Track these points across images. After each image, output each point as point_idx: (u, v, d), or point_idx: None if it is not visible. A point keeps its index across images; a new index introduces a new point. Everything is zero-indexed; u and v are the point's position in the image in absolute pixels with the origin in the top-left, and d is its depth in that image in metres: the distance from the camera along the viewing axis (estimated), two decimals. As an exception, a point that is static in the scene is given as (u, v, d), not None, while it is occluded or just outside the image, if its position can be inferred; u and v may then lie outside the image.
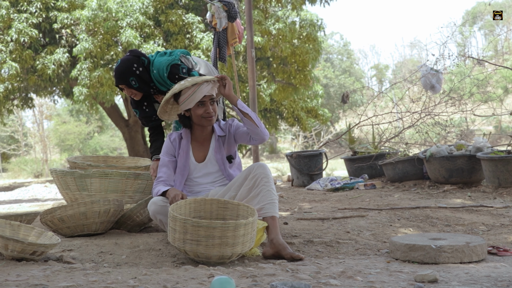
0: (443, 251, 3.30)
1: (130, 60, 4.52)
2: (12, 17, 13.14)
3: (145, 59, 4.54)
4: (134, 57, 4.53)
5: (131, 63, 4.50)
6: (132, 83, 4.47)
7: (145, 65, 4.53)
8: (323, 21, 15.92)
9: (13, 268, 3.10)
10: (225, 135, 4.03)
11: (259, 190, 3.73)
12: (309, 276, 2.86)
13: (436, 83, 8.53)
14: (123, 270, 3.09)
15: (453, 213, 5.08)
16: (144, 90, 4.53)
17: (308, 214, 5.23)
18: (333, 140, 11.20)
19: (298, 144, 33.50)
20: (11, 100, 17.33)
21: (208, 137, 4.05)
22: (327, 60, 48.44)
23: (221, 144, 4.01)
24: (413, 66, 39.44)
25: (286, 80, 16.50)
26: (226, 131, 4.04)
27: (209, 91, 3.82)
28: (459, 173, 6.75)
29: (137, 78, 4.47)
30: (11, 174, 29.49)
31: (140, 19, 12.82)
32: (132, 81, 4.46)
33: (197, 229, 3.26)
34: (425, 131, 8.68)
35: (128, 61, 4.53)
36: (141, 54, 4.58)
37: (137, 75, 4.46)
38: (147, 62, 4.54)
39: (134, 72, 4.46)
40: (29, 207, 7.63)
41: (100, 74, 12.94)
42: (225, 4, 6.89)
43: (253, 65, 7.79)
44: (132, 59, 4.51)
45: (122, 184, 4.68)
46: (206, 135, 4.04)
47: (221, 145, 4.01)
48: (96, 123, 39.12)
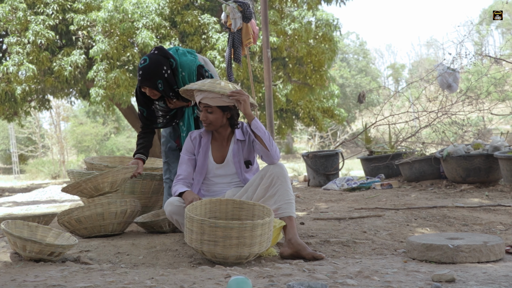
0: (460, 251, 3.28)
1: (160, 61, 4.27)
2: (29, 19, 13.23)
3: (173, 61, 4.29)
4: (163, 59, 4.28)
5: (161, 65, 4.25)
6: (159, 86, 4.25)
7: (173, 67, 4.32)
8: (339, 21, 15.86)
9: (31, 269, 3.12)
10: (244, 140, 4.03)
11: (276, 190, 3.73)
12: (326, 276, 2.85)
13: (453, 82, 8.47)
14: (140, 271, 3.11)
15: (470, 213, 5.04)
16: (166, 93, 4.30)
17: (324, 214, 5.22)
18: (349, 140, 11.16)
19: (314, 144, 33.43)
20: (29, 101, 17.46)
21: (227, 139, 4.04)
22: (343, 60, 48.30)
23: (240, 147, 4.00)
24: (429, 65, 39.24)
25: (302, 80, 16.46)
26: (246, 136, 4.03)
27: (203, 99, 3.81)
28: (476, 172, 6.70)
29: (164, 81, 4.25)
30: (29, 176, 29.67)
31: (156, 20, 12.86)
32: (159, 84, 4.24)
33: (215, 230, 3.26)
34: (442, 130, 8.62)
35: (159, 62, 4.26)
36: (170, 54, 4.32)
37: (165, 78, 4.24)
38: (175, 65, 4.30)
39: (163, 75, 4.24)
40: (47, 208, 7.68)
41: (116, 75, 12.99)
42: (240, 5, 6.90)
43: (269, 66, 7.79)
44: (162, 61, 4.27)
45: (139, 185, 4.70)
46: (225, 137, 4.03)
47: (240, 148, 4.00)
48: (112, 124, 39.29)
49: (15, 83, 13.61)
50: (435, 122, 8.65)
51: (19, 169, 32.83)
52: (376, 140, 9.93)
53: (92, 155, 34.93)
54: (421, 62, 52.72)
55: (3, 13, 12.95)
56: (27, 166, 32.40)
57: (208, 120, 3.86)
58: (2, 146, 38.29)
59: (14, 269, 3.14)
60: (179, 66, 4.31)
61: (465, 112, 8.69)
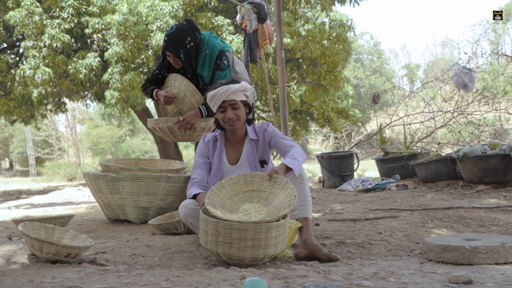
0: (477, 252, 3.25)
1: (186, 31, 4.50)
2: (45, 23, 13.33)
3: (198, 34, 4.53)
4: (190, 30, 4.51)
5: (186, 35, 4.49)
6: (181, 55, 4.49)
7: (197, 40, 4.53)
8: (352, 21, 15.82)
9: (48, 270, 3.14)
10: (258, 139, 4.02)
11: (294, 191, 3.72)
12: (341, 278, 2.84)
13: (469, 82, 8.41)
14: (155, 272, 3.11)
15: (487, 213, 5.00)
16: (186, 64, 4.55)
17: (339, 215, 5.20)
18: (364, 140, 11.13)
19: (329, 145, 33.38)
20: (45, 104, 17.60)
21: (241, 140, 4.04)
22: (357, 60, 48.17)
23: (254, 147, 4.00)
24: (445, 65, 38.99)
25: (316, 81, 16.44)
26: (260, 135, 4.02)
27: (229, 96, 3.83)
28: (493, 172, 6.65)
29: (186, 51, 4.48)
30: (45, 178, 29.92)
31: (170, 22, 12.89)
32: (181, 53, 4.48)
33: (230, 232, 3.26)
34: (457, 130, 8.56)
35: (184, 31, 4.51)
36: (197, 28, 4.56)
37: (187, 48, 4.47)
38: (199, 39, 4.54)
39: (186, 45, 4.46)
40: (63, 210, 7.73)
41: (131, 78, 13.05)
42: (255, 6, 6.91)
43: (283, 67, 7.79)
44: (188, 31, 4.50)
45: (154, 186, 4.71)
46: (239, 138, 4.03)
47: (254, 148, 4.00)
48: (127, 127, 39.49)
49: (32, 87, 13.72)
50: (451, 122, 8.60)
51: (36, 171, 33.11)
52: (391, 141, 9.87)
53: (107, 157, 35.10)
54: (436, 62, 52.41)
55: (20, 17, 13.05)
56: (43, 168, 32.70)
57: (236, 116, 3.88)
58: (19, 149, 38.65)
59: (31, 271, 3.16)
60: (205, 43, 4.59)
61: (482, 112, 8.63)
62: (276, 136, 3.97)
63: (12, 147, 39.83)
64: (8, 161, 45.59)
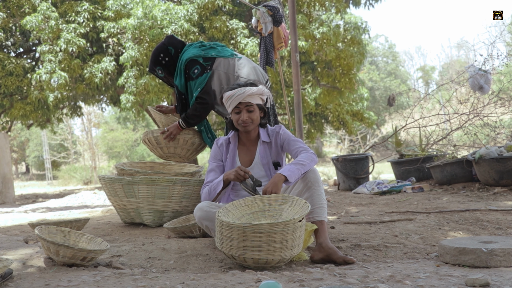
0: (494, 255, 3.23)
1: (158, 48, 4.59)
2: (61, 28, 13.44)
3: (172, 48, 4.56)
4: (162, 46, 4.58)
5: (158, 52, 4.58)
6: (159, 72, 4.58)
7: (172, 54, 4.56)
8: (367, 24, 15.81)
9: (64, 274, 3.16)
10: (270, 142, 4.02)
11: (309, 194, 3.71)
12: (357, 281, 2.83)
13: (485, 84, 8.37)
14: (171, 275, 3.12)
15: (504, 216, 4.96)
16: (169, 79, 4.65)
17: (355, 218, 5.19)
18: (379, 143, 11.09)
19: (344, 147, 33.28)
20: (61, 108, 17.75)
21: (254, 142, 4.04)
22: (372, 63, 48.05)
23: (267, 149, 4.00)
24: (460, 67, 38.77)
25: (331, 84, 16.43)
26: (272, 138, 4.02)
27: (245, 98, 3.83)
28: (510, 175, 6.59)
29: (163, 68, 4.57)
30: (61, 182, 30.11)
31: (185, 26, 12.94)
32: (158, 70, 4.57)
33: (259, 235, 3.22)
34: (473, 132, 8.51)
35: (156, 49, 4.61)
36: (170, 43, 4.59)
37: (163, 64, 4.55)
38: (174, 52, 4.56)
39: (161, 62, 4.53)
40: (79, 214, 7.76)
41: (146, 82, 13.11)
42: (270, 9, 6.92)
43: (298, 70, 7.79)
44: (160, 48, 4.57)
45: (169, 190, 4.72)
46: (252, 140, 4.04)
47: (267, 150, 4.00)
48: (142, 130, 39.62)
49: (48, 91, 13.84)
50: (467, 124, 8.55)
51: (52, 175, 33.33)
52: (406, 143, 9.84)
53: (122, 161, 35.26)
54: (451, 64, 52.11)
55: (36, 22, 13.18)
56: (59, 172, 32.89)
57: (251, 119, 3.88)
58: (35, 153, 38.93)
59: (48, 274, 3.18)
60: (181, 55, 4.65)
61: (498, 114, 8.57)
62: (288, 139, 3.97)
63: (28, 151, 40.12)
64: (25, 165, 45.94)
